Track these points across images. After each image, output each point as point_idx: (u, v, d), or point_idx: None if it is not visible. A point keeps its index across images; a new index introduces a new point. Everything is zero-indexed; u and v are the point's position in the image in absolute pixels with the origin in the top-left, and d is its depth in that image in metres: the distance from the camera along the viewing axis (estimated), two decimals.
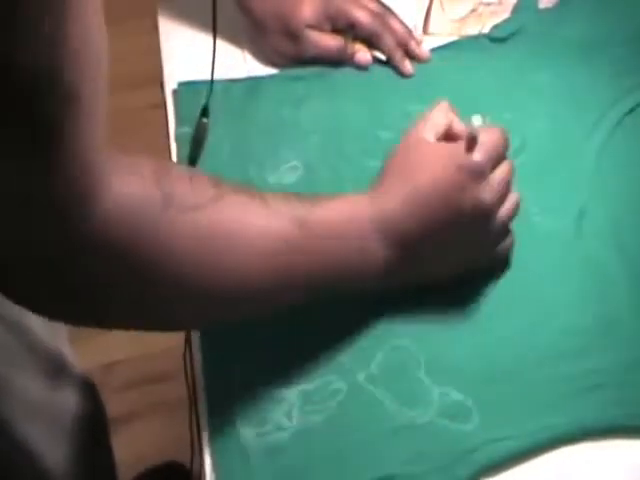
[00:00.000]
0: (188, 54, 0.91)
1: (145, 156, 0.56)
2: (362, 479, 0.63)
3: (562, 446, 0.64)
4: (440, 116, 0.70)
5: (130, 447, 1.36)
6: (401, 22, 0.90)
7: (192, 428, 0.71)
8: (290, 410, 0.66)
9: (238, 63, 0.91)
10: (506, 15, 0.92)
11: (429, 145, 0.69)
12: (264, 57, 0.91)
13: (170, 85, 0.89)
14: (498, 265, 0.73)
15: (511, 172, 0.69)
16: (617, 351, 0.68)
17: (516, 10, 0.92)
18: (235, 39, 0.93)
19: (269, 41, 0.89)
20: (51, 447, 0.87)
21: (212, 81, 0.84)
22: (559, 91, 0.85)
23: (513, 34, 0.90)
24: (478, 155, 0.66)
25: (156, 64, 0.90)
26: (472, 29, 0.91)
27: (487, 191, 0.66)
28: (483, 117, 0.69)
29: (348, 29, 0.89)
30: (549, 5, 0.93)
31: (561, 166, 0.79)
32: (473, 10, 0.93)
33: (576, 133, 0.81)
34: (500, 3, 0.94)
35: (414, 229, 0.66)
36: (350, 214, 0.65)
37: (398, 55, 0.88)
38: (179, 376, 0.98)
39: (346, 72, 0.89)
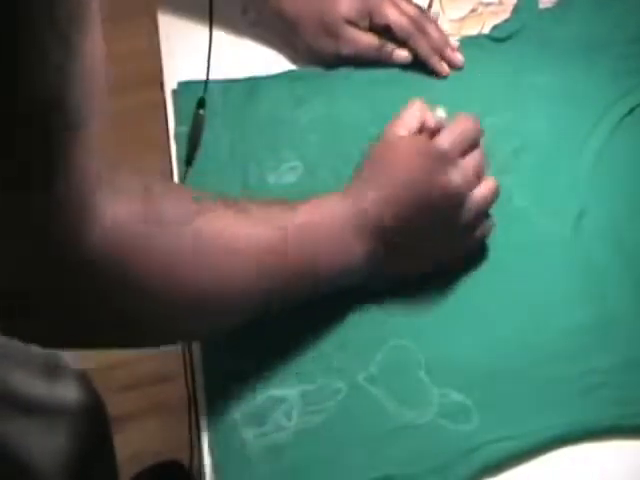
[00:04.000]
0: (188, 54, 0.91)
1: (130, 171, 0.57)
2: (362, 479, 0.63)
3: (562, 446, 0.64)
4: (413, 114, 0.73)
5: (130, 447, 1.35)
6: (438, 27, 0.89)
7: (192, 428, 0.71)
8: (290, 410, 0.66)
9: (238, 63, 0.91)
10: (506, 15, 0.92)
11: (400, 140, 0.71)
12: (297, 58, 0.90)
13: (170, 85, 0.89)
14: (477, 252, 0.73)
15: (483, 158, 0.71)
16: (617, 351, 0.68)
17: (516, 10, 0.92)
18: (235, 39, 0.93)
19: (305, 39, 0.89)
20: (47, 442, 0.87)
21: (207, 79, 0.84)
22: (559, 91, 0.85)
23: (513, 34, 0.90)
24: (441, 140, 0.69)
25: (156, 64, 0.90)
26: (472, 29, 0.92)
27: (456, 174, 0.68)
28: (445, 110, 0.73)
29: (383, 30, 0.88)
30: (549, 5, 0.93)
31: (561, 166, 0.79)
32: (473, 10, 0.93)
33: (576, 133, 0.81)
34: (500, 3, 0.94)
35: (389, 221, 0.68)
36: (330, 216, 0.67)
37: (434, 59, 0.88)
38: (179, 376, 0.98)
39: (346, 72, 0.89)
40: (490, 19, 0.92)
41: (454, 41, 0.89)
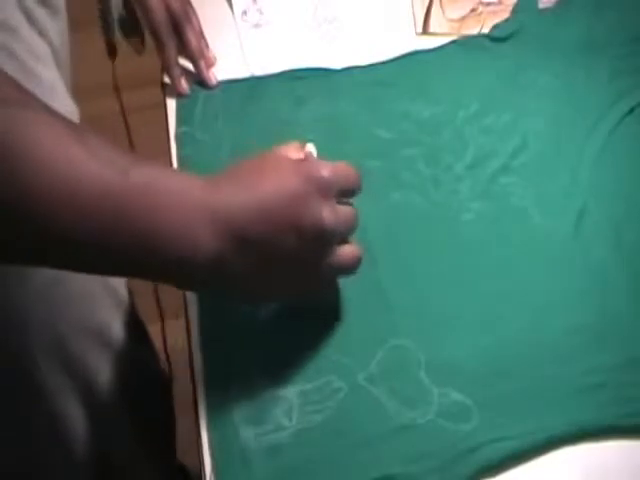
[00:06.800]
0: None
1: None
2: (362, 478, 0.63)
3: (562, 446, 0.64)
4: (292, 152, 0.68)
5: None
6: (196, 32, 0.89)
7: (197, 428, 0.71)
8: (290, 410, 0.66)
9: (238, 63, 0.91)
10: (506, 15, 0.92)
11: (282, 158, 0.66)
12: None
13: (170, 85, 0.89)
14: (322, 312, 0.71)
15: (356, 221, 0.67)
16: (616, 351, 0.68)
17: (516, 10, 0.92)
18: (235, 39, 0.93)
19: None
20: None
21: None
22: (559, 91, 0.85)
23: (513, 34, 0.90)
24: (326, 171, 0.64)
25: (156, 64, 0.90)
26: (472, 29, 0.92)
27: (329, 212, 0.64)
28: (315, 147, 0.70)
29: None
30: (549, 5, 0.93)
31: (561, 166, 0.79)
32: (473, 10, 0.93)
33: (576, 133, 0.81)
34: (500, 3, 0.94)
35: (253, 226, 0.62)
36: (179, 189, 0.61)
37: (174, 72, 0.88)
38: (179, 376, 0.98)
39: (346, 72, 0.89)
40: (490, 19, 0.92)
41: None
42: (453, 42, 0.90)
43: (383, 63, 0.89)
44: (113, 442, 0.94)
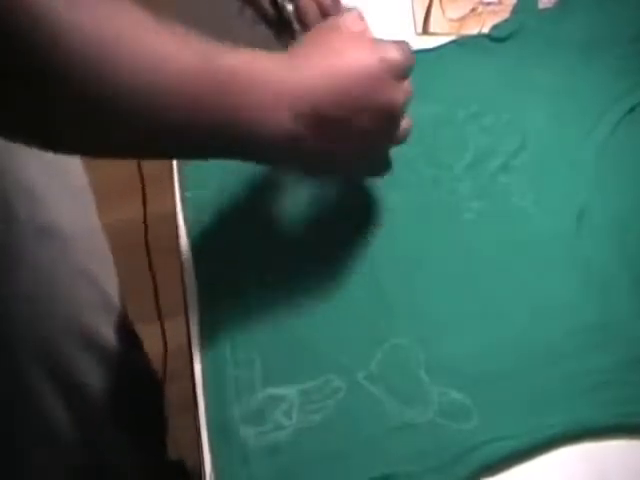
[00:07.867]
0: None
1: None
2: (361, 478, 0.63)
3: (562, 446, 0.64)
4: (353, 21, 0.69)
5: None
6: None
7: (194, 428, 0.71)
8: (289, 409, 0.66)
9: None
10: (506, 15, 0.92)
11: (352, 35, 0.67)
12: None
13: None
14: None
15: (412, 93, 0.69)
16: (617, 351, 0.68)
17: (516, 10, 0.92)
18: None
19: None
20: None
21: None
22: (559, 90, 0.85)
23: (513, 34, 0.90)
24: (400, 53, 0.66)
25: None
26: (472, 29, 0.91)
27: (402, 94, 0.66)
28: None
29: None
30: (549, 5, 0.93)
31: (561, 166, 0.79)
32: (473, 10, 0.93)
33: (576, 133, 0.81)
34: (500, 3, 0.94)
35: (330, 107, 0.64)
36: (261, 74, 0.63)
37: None
38: (179, 376, 0.98)
39: None
40: (490, 19, 0.92)
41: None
42: (453, 42, 0.90)
43: None
44: (104, 444, 0.94)
